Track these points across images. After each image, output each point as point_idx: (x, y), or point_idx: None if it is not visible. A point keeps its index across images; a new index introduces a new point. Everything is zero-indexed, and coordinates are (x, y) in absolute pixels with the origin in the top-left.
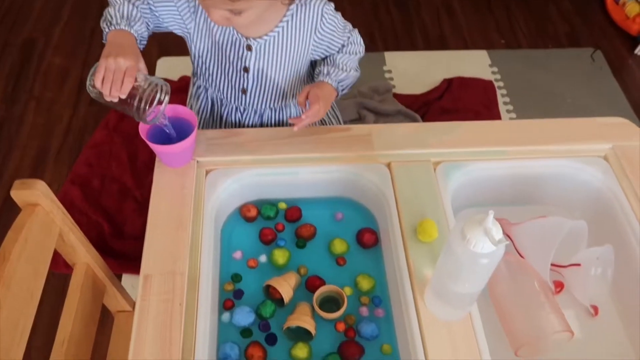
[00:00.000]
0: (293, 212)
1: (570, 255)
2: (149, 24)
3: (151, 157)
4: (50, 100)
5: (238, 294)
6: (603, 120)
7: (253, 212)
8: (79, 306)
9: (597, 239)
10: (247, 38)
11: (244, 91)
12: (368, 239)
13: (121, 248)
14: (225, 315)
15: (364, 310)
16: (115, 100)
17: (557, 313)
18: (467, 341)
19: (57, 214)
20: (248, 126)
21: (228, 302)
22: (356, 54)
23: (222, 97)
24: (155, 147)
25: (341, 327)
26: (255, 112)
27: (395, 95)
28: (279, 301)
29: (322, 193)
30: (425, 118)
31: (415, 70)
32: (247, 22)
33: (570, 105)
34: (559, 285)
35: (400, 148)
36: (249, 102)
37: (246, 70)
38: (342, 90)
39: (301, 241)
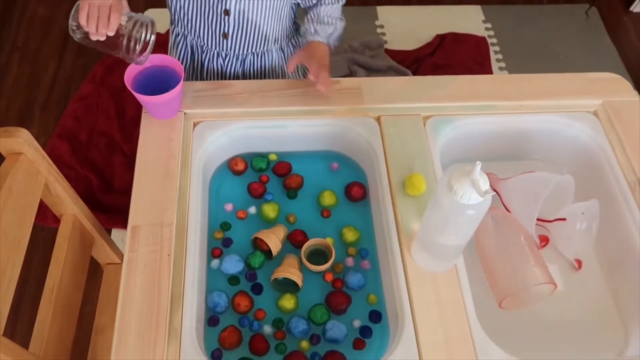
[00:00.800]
0: (282, 166)
1: (557, 210)
2: None
3: (139, 111)
4: (34, 51)
5: (227, 242)
6: (594, 76)
7: (241, 166)
8: (67, 256)
9: (584, 194)
10: None
11: (225, 36)
12: (356, 192)
13: (110, 202)
14: (215, 262)
15: (351, 261)
16: (102, 38)
17: (541, 266)
18: (452, 293)
19: (42, 163)
20: (230, 73)
21: (216, 250)
22: (338, 1)
23: (203, 43)
24: (141, 98)
25: (329, 277)
26: (237, 58)
27: (387, 51)
28: (267, 253)
29: (312, 147)
30: (417, 74)
31: (408, 25)
32: None
33: (563, 62)
34: (544, 240)
35: (390, 102)
36: (231, 46)
37: (227, 13)
38: (334, 43)
39: (292, 192)
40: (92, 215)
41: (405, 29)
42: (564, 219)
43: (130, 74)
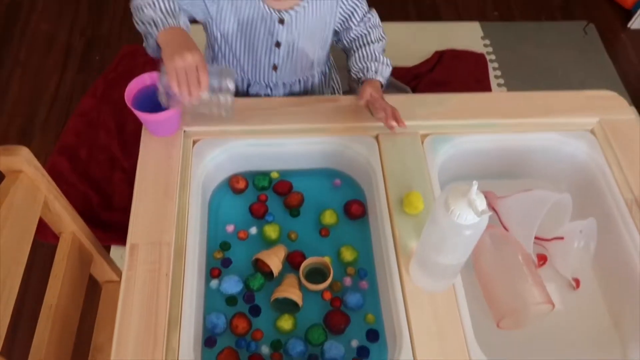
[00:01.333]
0: (283, 185)
1: (555, 228)
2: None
3: (140, 126)
4: (36, 67)
5: (226, 262)
6: (591, 93)
7: (242, 184)
8: (66, 274)
9: (582, 212)
10: (278, 11)
11: (275, 67)
12: (356, 210)
13: (110, 219)
14: (214, 282)
15: (349, 281)
16: (197, 102)
17: (539, 285)
18: (450, 312)
19: (42, 181)
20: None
21: (215, 270)
22: (383, 39)
23: (250, 77)
24: (141, 115)
25: (327, 295)
26: (284, 86)
27: None
28: (268, 274)
29: (310, 164)
30: (416, 90)
31: (407, 41)
32: None
33: (562, 78)
34: (542, 259)
35: None
36: (280, 77)
37: (278, 45)
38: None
39: (294, 210)
40: (91, 232)
41: (404, 45)
42: (562, 238)
43: (130, 91)
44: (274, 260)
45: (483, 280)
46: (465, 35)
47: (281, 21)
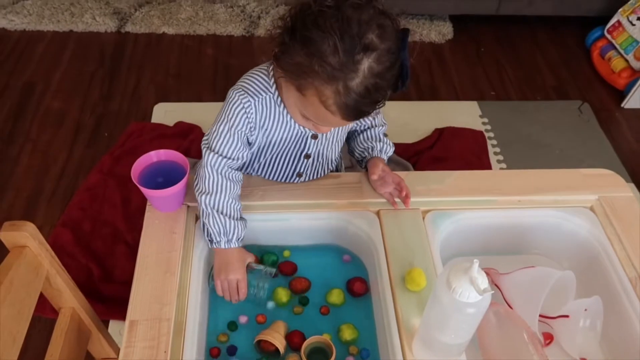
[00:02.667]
0: (288, 266)
1: (559, 306)
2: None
3: (144, 200)
4: (46, 143)
5: (232, 349)
6: (588, 172)
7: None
8: (62, 351)
9: (586, 289)
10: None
11: (300, 174)
12: (358, 288)
13: (110, 292)
14: None
15: None
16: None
17: None
18: None
19: (45, 256)
20: None
21: (215, 349)
22: (384, 124)
23: (274, 179)
24: (147, 191)
25: None
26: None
27: None
28: (273, 353)
29: (312, 240)
30: (416, 167)
31: (407, 119)
32: None
33: (559, 155)
34: (548, 337)
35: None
36: (302, 181)
37: (307, 157)
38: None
39: (303, 298)
40: (91, 308)
41: (404, 122)
42: (567, 316)
43: (137, 168)
44: (278, 337)
45: (488, 359)
46: (464, 114)
47: (314, 137)
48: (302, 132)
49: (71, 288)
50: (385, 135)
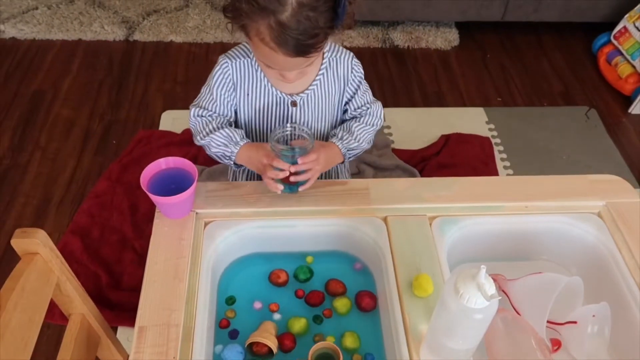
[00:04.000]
0: (316, 297)
1: (567, 312)
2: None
3: (152, 207)
4: (55, 150)
5: (233, 333)
6: (595, 178)
7: (283, 277)
8: (72, 357)
9: (593, 295)
10: (290, 95)
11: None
12: (367, 304)
13: (118, 299)
14: (218, 347)
15: None
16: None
17: None
18: None
19: (56, 263)
20: None
21: (224, 321)
22: (373, 125)
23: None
24: (155, 198)
25: None
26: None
27: (394, 151)
28: (266, 355)
29: (319, 246)
30: (423, 173)
31: (414, 126)
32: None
33: (566, 161)
34: (556, 344)
35: (397, 202)
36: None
37: (294, 104)
38: (349, 158)
39: (318, 318)
40: (100, 314)
41: (411, 129)
42: (575, 322)
43: (146, 175)
44: (270, 338)
45: None
46: (470, 120)
47: (294, 104)
48: (280, 97)
49: (81, 294)
50: (366, 135)
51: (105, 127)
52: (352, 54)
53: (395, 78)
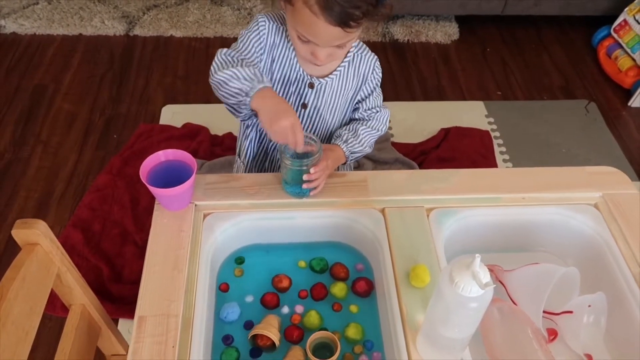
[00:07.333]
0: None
1: (563, 302)
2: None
3: (152, 201)
4: (56, 144)
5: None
6: (593, 169)
7: (285, 283)
8: (73, 347)
9: (590, 286)
10: (310, 76)
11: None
12: (363, 288)
13: (119, 292)
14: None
15: (357, 356)
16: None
17: None
18: None
19: (56, 254)
20: None
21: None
22: (378, 130)
23: None
24: (154, 190)
25: None
26: None
27: (394, 144)
28: (269, 347)
29: (318, 238)
30: (422, 166)
31: (414, 119)
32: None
33: (566, 155)
34: (553, 333)
35: (395, 194)
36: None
37: (304, 106)
38: (351, 160)
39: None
40: (100, 305)
41: (410, 123)
42: (571, 312)
43: (145, 167)
44: (273, 331)
45: (493, 356)
46: (470, 114)
47: (311, 85)
48: (301, 74)
49: (81, 285)
50: (370, 138)
51: (106, 122)
52: (376, 57)
53: (395, 72)
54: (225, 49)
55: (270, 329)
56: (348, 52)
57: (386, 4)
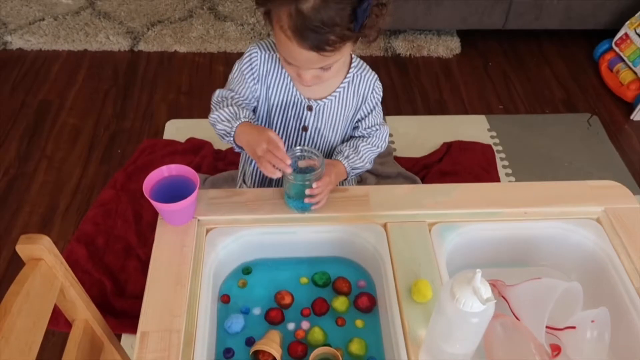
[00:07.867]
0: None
1: (566, 317)
2: (253, 101)
3: (156, 216)
4: (61, 159)
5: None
6: (595, 184)
7: (288, 299)
8: None
9: (593, 301)
10: (307, 99)
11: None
12: (365, 304)
13: (122, 307)
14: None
15: None
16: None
17: None
18: None
19: (60, 269)
20: None
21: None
22: (378, 147)
23: None
24: (157, 205)
25: None
26: None
27: (396, 158)
28: None
29: (320, 253)
30: (425, 181)
31: (416, 133)
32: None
33: (568, 168)
34: (556, 349)
35: (396, 209)
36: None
37: (305, 129)
38: (352, 176)
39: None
40: (104, 320)
41: (413, 137)
42: (574, 327)
43: (149, 182)
44: (275, 347)
45: None
46: (472, 128)
47: (309, 108)
48: (298, 98)
49: (84, 300)
50: (370, 155)
51: (111, 137)
52: (376, 76)
53: (398, 86)
54: (219, 90)
55: (271, 344)
56: (347, 73)
57: (372, 29)
